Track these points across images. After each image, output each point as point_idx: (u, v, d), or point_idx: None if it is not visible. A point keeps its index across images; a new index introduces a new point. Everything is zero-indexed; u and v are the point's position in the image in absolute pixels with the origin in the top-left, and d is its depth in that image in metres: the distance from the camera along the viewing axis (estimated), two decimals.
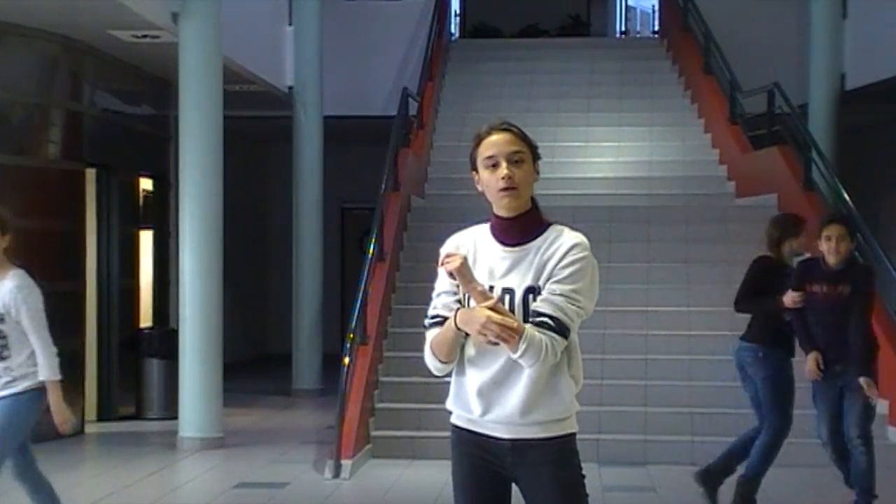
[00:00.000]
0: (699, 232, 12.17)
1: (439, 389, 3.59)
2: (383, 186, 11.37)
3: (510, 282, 3.40)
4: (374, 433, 9.86)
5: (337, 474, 8.87)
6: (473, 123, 15.01)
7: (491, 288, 3.39)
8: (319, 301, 14.42)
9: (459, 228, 3.59)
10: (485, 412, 3.42)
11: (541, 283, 3.38)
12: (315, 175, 14.43)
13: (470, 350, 3.44)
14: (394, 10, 16.77)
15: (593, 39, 19.82)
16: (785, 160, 12.19)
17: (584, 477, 3.48)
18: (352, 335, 9.70)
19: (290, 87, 14.50)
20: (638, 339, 10.71)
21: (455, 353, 3.45)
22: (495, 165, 3.43)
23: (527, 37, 19.33)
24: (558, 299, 3.33)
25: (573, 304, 3.34)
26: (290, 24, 14.64)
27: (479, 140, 3.51)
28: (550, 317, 3.31)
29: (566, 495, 3.42)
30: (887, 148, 16.55)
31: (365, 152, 15.51)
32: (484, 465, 3.47)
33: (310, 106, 14.40)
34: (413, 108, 13.73)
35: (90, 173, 11.71)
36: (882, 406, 9.42)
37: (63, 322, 11.03)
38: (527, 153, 3.47)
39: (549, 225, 3.47)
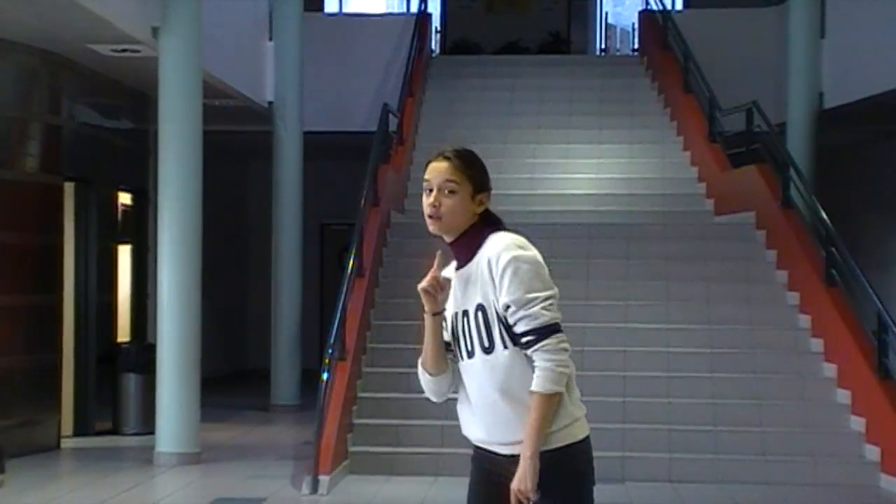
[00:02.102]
0: (678, 249, 12.21)
1: (418, 405, 3.63)
2: (363, 202, 11.37)
3: (464, 304, 3.53)
4: (352, 449, 9.83)
5: (314, 490, 8.84)
6: (453, 139, 15.00)
7: (465, 313, 3.51)
8: (298, 316, 14.39)
9: (439, 244, 3.61)
10: (476, 435, 3.58)
11: (484, 300, 3.46)
12: (294, 190, 14.41)
13: (460, 376, 3.58)
14: (375, 25, 16.80)
15: (573, 57, 19.86)
16: (763, 178, 12.24)
17: (591, 486, 3.53)
18: (330, 350, 9.68)
19: (270, 102, 14.49)
20: (616, 356, 10.73)
21: (438, 361, 3.58)
22: (430, 191, 3.54)
23: (507, 54, 19.37)
24: (522, 312, 3.40)
25: (537, 305, 3.39)
26: (270, 39, 14.64)
27: (427, 164, 3.60)
28: (531, 331, 3.39)
29: None
30: (864, 166, 16.66)
31: (345, 168, 15.50)
32: (493, 479, 3.57)
33: (289, 121, 14.39)
34: (393, 124, 13.74)
35: (68, 187, 11.67)
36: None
37: (40, 336, 11.03)
38: (462, 184, 3.52)
39: (487, 237, 3.52)
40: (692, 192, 13.72)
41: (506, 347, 3.44)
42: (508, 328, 3.43)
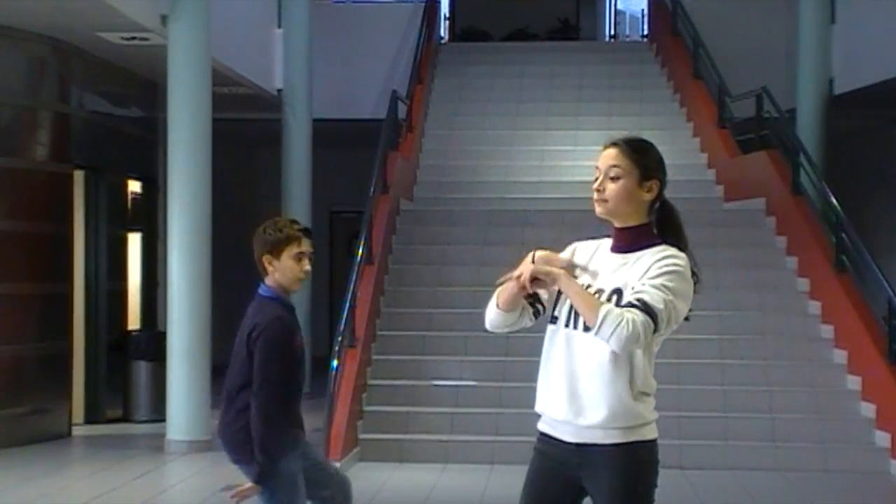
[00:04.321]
0: (687, 236, 12.16)
1: (427, 393, 3.61)
2: (372, 189, 11.37)
3: (604, 283, 3.54)
4: (362, 436, 9.85)
5: None
6: (462, 126, 15.07)
7: (588, 286, 3.56)
8: (307, 304, 14.39)
9: (449, 231, 3.62)
10: (558, 412, 3.50)
11: (624, 285, 3.48)
12: (304, 178, 14.41)
13: (547, 344, 3.58)
14: (383, 12, 16.79)
15: (582, 43, 19.83)
16: (773, 164, 12.22)
17: (651, 487, 3.50)
18: (340, 338, 9.69)
19: (279, 90, 14.48)
20: None
21: (514, 304, 3.59)
22: (598, 177, 3.65)
23: (516, 40, 19.34)
24: (647, 287, 3.40)
25: (662, 293, 3.39)
26: (279, 27, 14.63)
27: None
28: (638, 299, 3.37)
29: (618, 502, 3.45)
30: (874, 152, 16.61)
31: (354, 155, 15.50)
32: (558, 471, 3.55)
33: (298, 109, 14.39)
34: (402, 111, 13.73)
35: (78, 175, 11.69)
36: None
37: (51, 324, 11.05)
38: (628, 170, 3.65)
39: (662, 243, 3.61)
40: (702, 179, 13.69)
41: None
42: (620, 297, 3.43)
